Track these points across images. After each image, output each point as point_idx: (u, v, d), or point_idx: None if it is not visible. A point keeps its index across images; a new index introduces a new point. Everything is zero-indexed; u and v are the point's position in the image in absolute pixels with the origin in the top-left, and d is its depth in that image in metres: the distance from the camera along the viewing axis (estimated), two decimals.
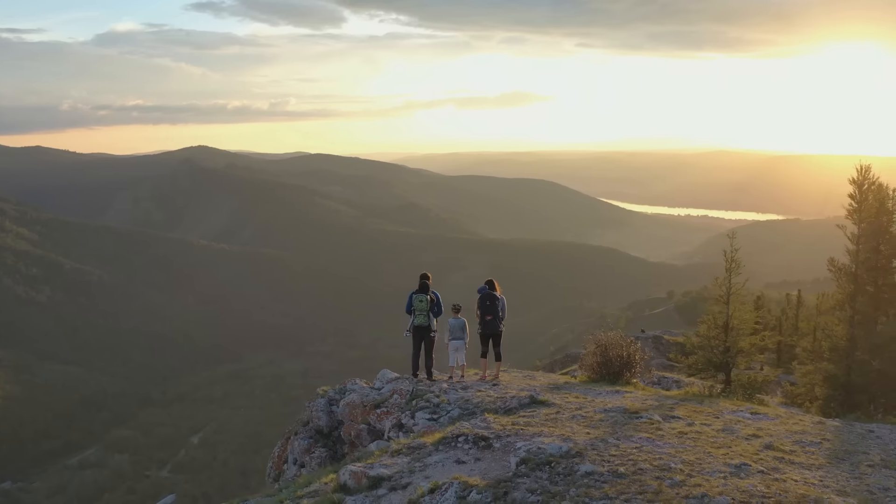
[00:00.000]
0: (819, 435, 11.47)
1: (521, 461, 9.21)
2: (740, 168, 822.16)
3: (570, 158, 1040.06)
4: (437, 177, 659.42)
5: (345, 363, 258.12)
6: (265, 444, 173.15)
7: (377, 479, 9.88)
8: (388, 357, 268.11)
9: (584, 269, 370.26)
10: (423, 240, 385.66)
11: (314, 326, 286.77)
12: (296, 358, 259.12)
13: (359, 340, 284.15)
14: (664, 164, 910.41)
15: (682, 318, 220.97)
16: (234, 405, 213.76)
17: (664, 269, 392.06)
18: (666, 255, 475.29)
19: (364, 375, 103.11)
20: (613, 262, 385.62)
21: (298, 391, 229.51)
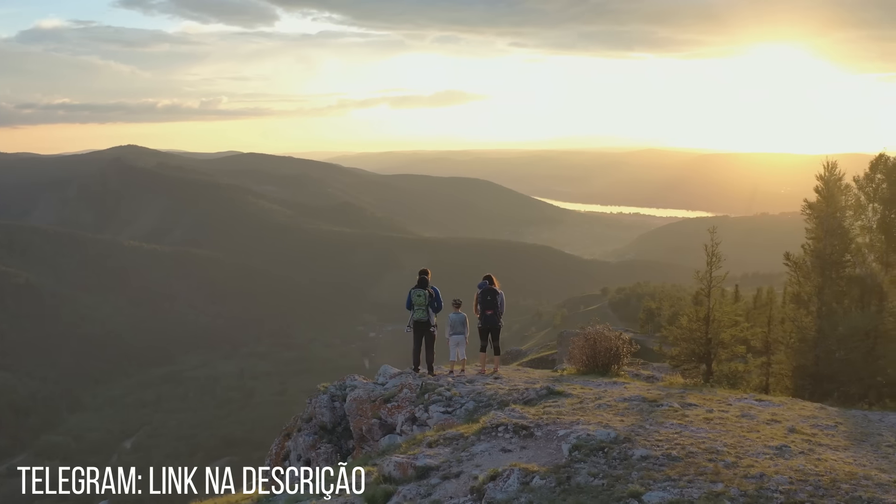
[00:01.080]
0: (830, 419, 11.97)
1: (574, 447, 9.43)
2: (671, 166, 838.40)
3: (505, 157, 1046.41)
4: (371, 176, 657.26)
5: (280, 364, 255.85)
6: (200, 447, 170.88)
7: (425, 469, 10.00)
8: (324, 357, 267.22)
9: (519, 267, 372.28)
10: (359, 239, 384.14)
11: (248, 327, 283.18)
12: (230, 359, 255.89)
13: (294, 341, 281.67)
14: (596, 163, 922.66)
15: (617, 314, 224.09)
16: (168, 408, 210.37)
17: (598, 267, 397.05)
18: (599, 252, 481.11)
19: (300, 375, 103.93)
20: (548, 260, 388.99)
21: (233, 393, 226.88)
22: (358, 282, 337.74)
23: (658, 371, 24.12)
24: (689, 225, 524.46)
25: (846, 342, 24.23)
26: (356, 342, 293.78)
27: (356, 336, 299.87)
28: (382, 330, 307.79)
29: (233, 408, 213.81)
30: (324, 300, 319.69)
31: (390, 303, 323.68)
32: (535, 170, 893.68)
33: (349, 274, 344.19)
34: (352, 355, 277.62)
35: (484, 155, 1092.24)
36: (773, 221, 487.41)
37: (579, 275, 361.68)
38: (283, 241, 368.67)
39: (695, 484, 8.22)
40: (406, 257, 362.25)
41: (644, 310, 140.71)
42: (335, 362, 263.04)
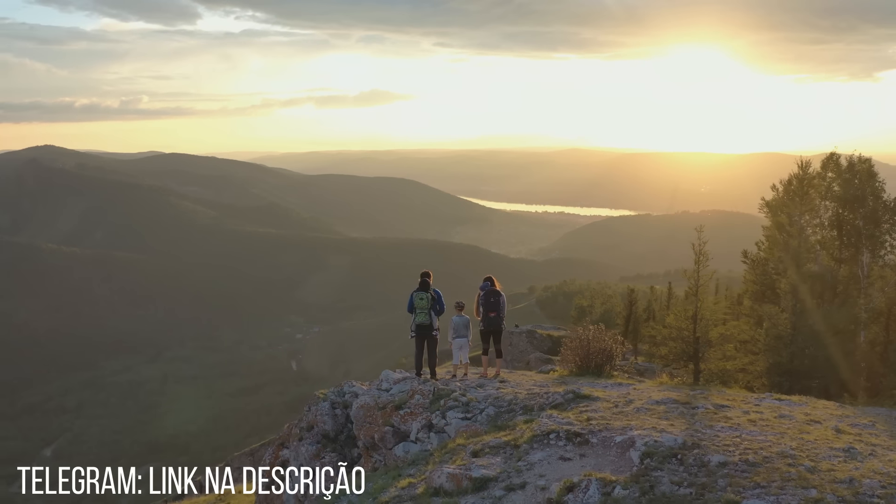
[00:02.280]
0: (864, 417, 11.93)
1: (646, 454, 9.10)
2: (594, 165, 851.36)
3: (431, 157, 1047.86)
4: (297, 176, 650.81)
5: (206, 367, 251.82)
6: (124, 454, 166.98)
7: (482, 481, 9.56)
8: (250, 360, 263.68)
9: (446, 267, 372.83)
10: (284, 239, 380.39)
11: (172, 330, 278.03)
12: (154, 363, 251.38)
13: (220, 344, 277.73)
14: (522, 162, 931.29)
15: (544, 312, 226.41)
16: (90, 414, 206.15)
17: (524, 265, 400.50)
18: (525, 251, 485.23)
19: (226, 378, 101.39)
20: (475, 259, 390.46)
21: (157, 397, 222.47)
22: (284, 283, 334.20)
23: (621, 370, 23.99)
24: (612, 223, 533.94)
25: (820, 338, 24.62)
26: (283, 344, 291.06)
27: (283, 338, 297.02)
28: (310, 331, 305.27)
29: (157, 413, 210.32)
30: (250, 302, 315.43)
31: (317, 304, 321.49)
32: (461, 169, 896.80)
33: (275, 275, 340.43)
34: (279, 357, 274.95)
35: (410, 155, 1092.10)
36: (694, 219, 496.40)
37: (506, 273, 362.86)
38: (208, 242, 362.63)
39: (787, 490, 7.99)
40: (332, 258, 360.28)
41: (576, 307, 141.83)
42: (262, 365, 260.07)
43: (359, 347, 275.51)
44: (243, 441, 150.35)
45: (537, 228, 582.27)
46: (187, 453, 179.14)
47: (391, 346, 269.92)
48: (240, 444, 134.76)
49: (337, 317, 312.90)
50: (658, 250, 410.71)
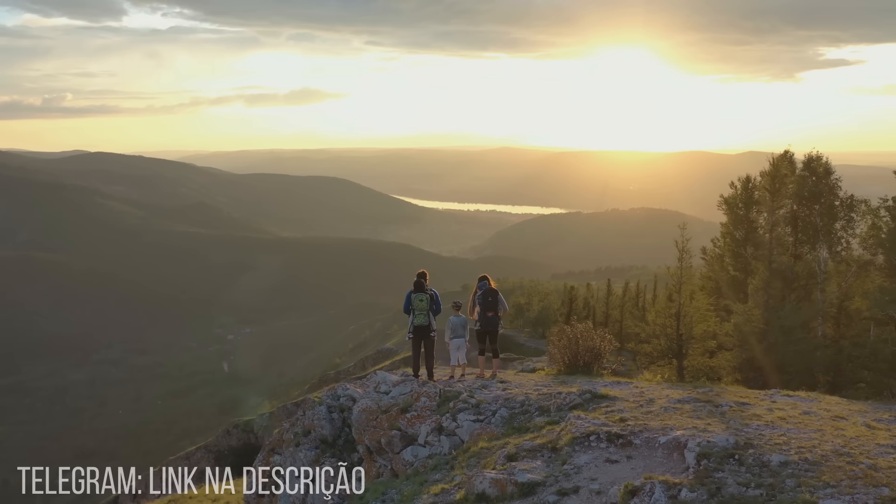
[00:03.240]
0: (881, 412, 11.94)
1: (702, 455, 8.87)
2: (525, 164, 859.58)
3: (363, 156, 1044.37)
4: (227, 175, 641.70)
5: (134, 370, 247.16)
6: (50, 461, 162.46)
7: (529, 486, 9.23)
8: (180, 362, 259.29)
9: (379, 266, 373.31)
10: (214, 240, 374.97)
11: (99, 333, 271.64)
12: (81, 367, 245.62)
13: (149, 346, 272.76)
14: (453, 161, 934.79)
15: None
16: (14, 420, 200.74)
17: (457, 264, 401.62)
18: (457, 249, 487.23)
19: (156, 381, 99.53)
20: (408, 258, 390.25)
21: (85, 402, 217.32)
22: (214, 284, 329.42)
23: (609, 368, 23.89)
24: (543, 221, 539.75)
25: (791, 333, 24.97)
26: (214, 345, 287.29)
27: (214, 339, 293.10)
28: (241, 332, 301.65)
29: (84, 418, 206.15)
30: (179, 303, 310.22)
31: (249, 304, 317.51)
32: (393, 168, 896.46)
33: (205, 276, 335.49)
34: (210, 359, 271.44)
35: (342, 153, 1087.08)
36: (624, 217, 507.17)
37: (439, 272, 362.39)
38: (135, 243, 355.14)
39: (858, 489, 7.86)
40: (264, 258, 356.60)
41: (513, 306, 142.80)
42: (192, 367, 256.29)
43: (291, 348, 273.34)
44: (175, 444, 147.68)
45: (469, 227, 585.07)
46: (117, 458, 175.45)
47: (324, 346, 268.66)
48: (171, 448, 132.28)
49: (269, 317, 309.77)
50: (589, 248, 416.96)
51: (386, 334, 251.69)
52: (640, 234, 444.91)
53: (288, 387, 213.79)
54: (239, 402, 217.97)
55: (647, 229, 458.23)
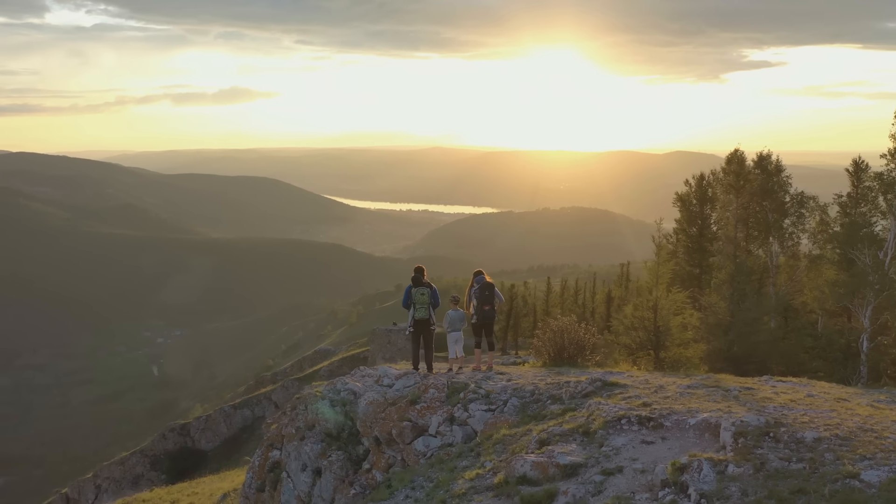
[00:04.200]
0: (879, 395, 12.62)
1: (738, 434, 9.30)
2: (457, 163, 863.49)
3: (294, 155, 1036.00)
4: (155, 175, 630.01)
5: (61, 375, 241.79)
6: None
7: (572, 467, 9.54)
8: (108, 366, 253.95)
9: (310, 266, 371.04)
10: (142, 241, 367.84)
11: (22, 338, 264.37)
12: (4, 372, 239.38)
13: (75, 350, 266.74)
14: (385, 160, 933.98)
15: None
16: None
17: (390, 263, 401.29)
18: (390, 249, 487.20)
19: (83, 386, 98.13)
20: (340, 258, 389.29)
21: (8, 408, 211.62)
22: (143, 286, 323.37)
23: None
24: (476, 221, 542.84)
25: (756, 325, 25.86)
26: (143, 349, 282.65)
27: (143, 342, 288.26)
28: (171, 335, 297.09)
29: (8, 424, 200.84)
30: (107, 306, 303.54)
31: (179, 306, 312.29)
32: (324, 168, 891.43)
33: (133, 278, 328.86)
34: (139, 362, 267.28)
35: (272, 153, 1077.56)
36: (555, 216, 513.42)
37: (372, 272, 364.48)
38: (60, 245, 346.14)
39: (893, 460, 8.39)
40: (194, 259, 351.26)
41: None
42: (121, 371, 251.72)
43: (223, 350, 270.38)
44: (104, 451, 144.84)
45: (402, 226, 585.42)
46: (43, 466, 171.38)
47: (256, 347, 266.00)
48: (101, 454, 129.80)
49: (199, 319, 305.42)
50: (521, 246, 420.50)
51: (320, 335, 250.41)
52: (571, 234, 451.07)
53: (220, 389, 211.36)
54: (170, 406, 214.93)
55: (577, 228, 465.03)
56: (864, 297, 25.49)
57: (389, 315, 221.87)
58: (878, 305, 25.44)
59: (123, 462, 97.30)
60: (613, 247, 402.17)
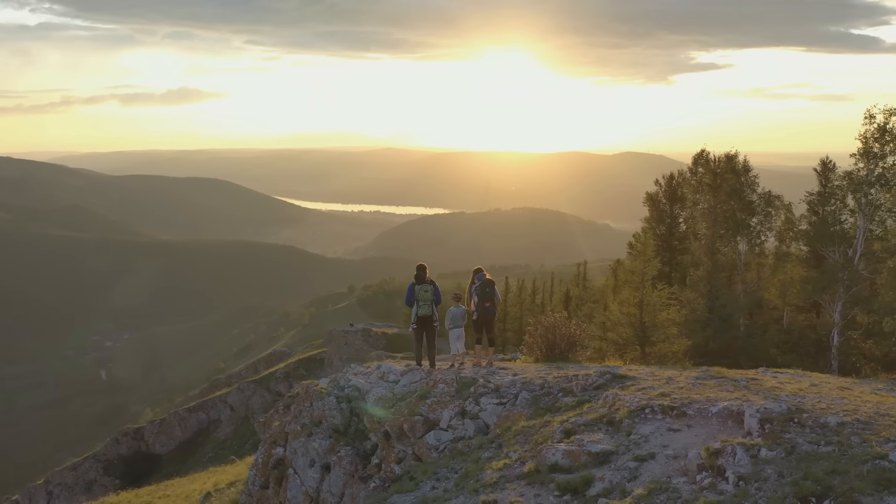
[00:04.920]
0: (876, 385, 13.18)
1: (764, 420, 9.68)
2: (409, 164, 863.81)
3: (245, 156, 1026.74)
4: (102, 177, 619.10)
5: (6, 380, 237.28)
6: None
7: (603, 455, 9.83)
8: (56, 370, 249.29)
9: (262, 268, 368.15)
10: (90, 244, 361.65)
11: None
12: None
13: (22, 354, 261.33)
14: (337, 161, 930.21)
15: (365, 311, 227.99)
16: None
17: (342, 265, 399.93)
18: (342, 250, 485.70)
19: (30, 390, 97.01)
20: (291, 260, 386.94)
21: None
22: (91, 289, 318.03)
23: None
24: (428, 221, 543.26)
25: (731, 321, 26.53)
26: (91, 353, 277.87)
27: (91, 346, 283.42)
28: (120, 338, 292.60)
29: None
30: (54, 310, 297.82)
31: (128, 309, 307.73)
32: (275, 169, 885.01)
33: (81, 281, 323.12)
34: (87, 366, 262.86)
35: (222, 154, 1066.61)
36: (506, 217, 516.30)
37: (324, 273, 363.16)
38: (6, 247, 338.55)
39: None
40: (143, 261, 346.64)
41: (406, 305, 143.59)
42: (69, 375, 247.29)
43: (174, 353, 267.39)
44: (52, 457, 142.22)
45: (354, 228, 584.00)
46: None
47: (207, 350, 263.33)
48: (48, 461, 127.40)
49: (149, 322, 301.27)
50: (473, 247, 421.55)
51: (272, 337, 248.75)
52: (523, 234, 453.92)
53: (171, 393, 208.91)
54: (119, 411, 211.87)
55: (528, 229, 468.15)
56: (835, 293, 26.32)
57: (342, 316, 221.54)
58: (848, 301, 26.29)
59: (76, 467, 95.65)
60: (564, 246, 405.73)
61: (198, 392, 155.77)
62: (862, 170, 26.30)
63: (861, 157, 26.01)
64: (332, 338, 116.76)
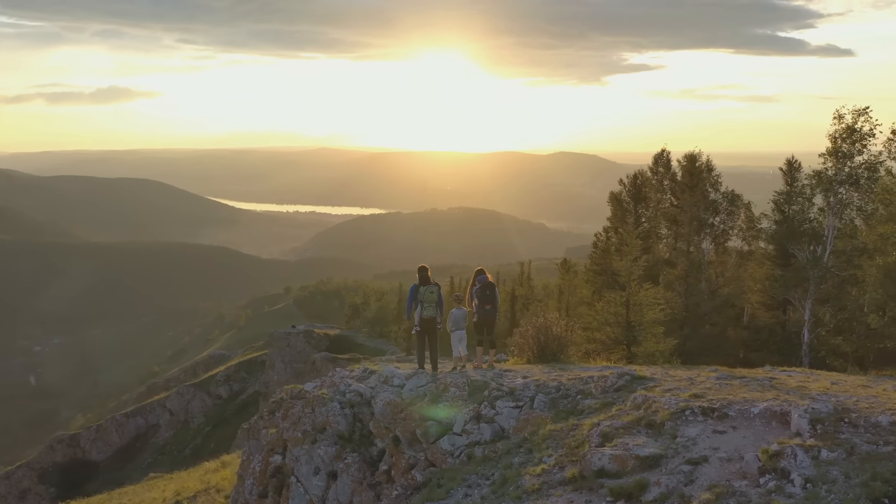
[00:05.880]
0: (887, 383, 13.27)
1: (814, 421, 9.58)
2: (345, 164, 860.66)
3: (177, 157, 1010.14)
4: (29, 178, 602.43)
5: None
6: None
7: (653, 459, 9.60)
8: None
9: (196, 270, 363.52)
10: (17, 246, 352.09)
11: None
12: None
13: None
14: (271, 162, 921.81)
15: (303, 311, 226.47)
16: None
17: (277, 266, 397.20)
18: (277, 251, 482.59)
19: None
20: (226, 261, 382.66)
21: None
22: (18, 292, 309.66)
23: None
24: (364, 222, 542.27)
25: (705, 320, 26.74)
26: (19, 358, 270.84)
27: (18, 351, 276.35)
28: (49, 343, 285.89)
29: None
30: None
31: (57, 313, 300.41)
32: (208, 169, 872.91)
33: (7, 284, 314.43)
34: (15, 372, 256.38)
35: (154, 154, 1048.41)
36: (443, 217, 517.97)
37: (259, 275, 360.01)
38: None
39: None
40: (73, 264, 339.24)
41: (349, 306, 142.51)
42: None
43: (106, 357, 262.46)
44: None
45: (289, 228, 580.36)
46: None
47: (141, 353, 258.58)
48: None
49: (80, 326, 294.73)
50: (410, 247, 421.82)
51: (208, 340, 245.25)
52: (459, 233, 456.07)
53: (103, 398, 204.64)
54: (50, 417, 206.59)
55: (465, 228, 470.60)
56: (805, 290, 26.74)
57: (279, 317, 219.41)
58: (819, 298, 26.74)
59: (8, 476, 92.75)
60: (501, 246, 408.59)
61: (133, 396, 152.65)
62: (830, 169, 26.82)
63: (830, 156, 26.51)
64: (273, 340, 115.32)
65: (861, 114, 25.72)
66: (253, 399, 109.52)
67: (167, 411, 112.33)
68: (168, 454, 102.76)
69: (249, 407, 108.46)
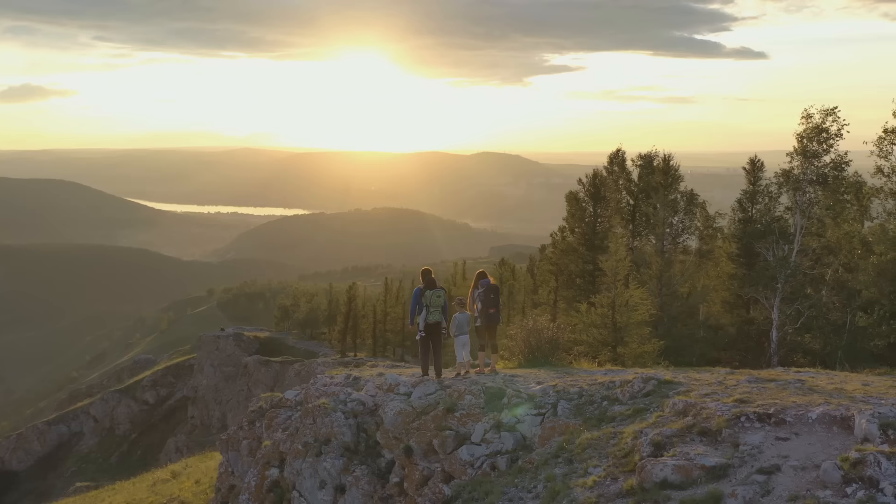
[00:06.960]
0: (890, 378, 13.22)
1: (884, 426, 9.28)
2: (266, 164, 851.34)
3: (93, 157, 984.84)
4: None
5: None
6: None
7: (720, 469, 9.15)
8: None
9: (114, 273, 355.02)
10: None
11: None
12: None
13: None
14: (191, 162, 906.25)
15: (226, 314, 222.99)
16: None
17: (199, 268, 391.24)
18: (199, 252, 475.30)
19: None
20: (146, 263, 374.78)
21: None
22: None
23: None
24: (287, 222, 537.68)
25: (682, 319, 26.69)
26: None
27: None
28: None
29: None
30: None
31: None
32: (126, 170, 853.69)
33: None
34: None
35: (69, 154, 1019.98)
36: (367, 217, 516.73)
37: (181, 277, 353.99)
38: None
39: None
40: None
41: (279, 308, 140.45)
42: None
43: (19, 364, 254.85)
44: None
45: (210, 229, 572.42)
46: None
47: (57, 359, 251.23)
48: None
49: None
50: (334, 247, 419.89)
51: (128, 344, 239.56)
52: (383, 234, 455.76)
53: (18, 405, 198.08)
54: None
55: (389, 228, 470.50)
56: (774, 289, 26.91)
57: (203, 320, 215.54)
58: (787, 297, 26.94)
59: None
60: (425, 245, 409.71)
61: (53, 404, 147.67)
62: (797, 168, 27.07)
63: (798, 155, 26.74)
64: (201, 343, 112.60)
65: (829, 114, 26.05)
66: (182, 404, 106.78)
67: (91, 418, 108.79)
68: (93, 462, 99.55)
69: (178, 412, 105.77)
